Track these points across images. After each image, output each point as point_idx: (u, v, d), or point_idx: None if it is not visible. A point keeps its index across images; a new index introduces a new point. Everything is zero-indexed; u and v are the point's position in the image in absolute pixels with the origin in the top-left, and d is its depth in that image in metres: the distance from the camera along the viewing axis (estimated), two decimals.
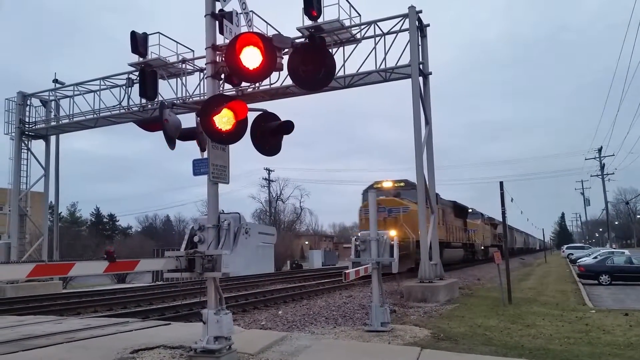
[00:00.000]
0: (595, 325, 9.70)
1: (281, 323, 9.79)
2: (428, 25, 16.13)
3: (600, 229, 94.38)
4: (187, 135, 5.85)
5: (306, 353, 6.21)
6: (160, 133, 5.55)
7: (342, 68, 16.40)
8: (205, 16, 5.73)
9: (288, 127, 5.70)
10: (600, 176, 56.53)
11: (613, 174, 56.84)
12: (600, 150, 56.85)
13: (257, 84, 16.91)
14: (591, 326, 9.55)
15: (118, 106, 20.36)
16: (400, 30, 15.77)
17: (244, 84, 6.21)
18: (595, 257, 25.82)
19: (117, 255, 4.71)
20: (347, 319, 10.34)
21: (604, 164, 56.25)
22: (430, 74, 16.14)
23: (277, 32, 11.37)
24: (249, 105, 5.31)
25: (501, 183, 14.57)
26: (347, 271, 7.82)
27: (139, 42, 16.40)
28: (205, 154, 5.62)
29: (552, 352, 7.13)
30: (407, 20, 15.53)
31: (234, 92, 14.67)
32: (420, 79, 15.61)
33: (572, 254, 46.47)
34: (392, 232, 19.31)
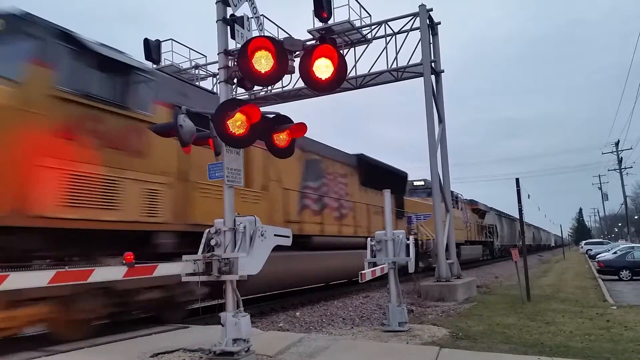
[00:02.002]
0: (616, 321, 9.57)
1: (299, 324, 9.82)
2: (439, 23, 16.07)
3: (620, 224, 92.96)
4: (202, 140, 5.92)
5: (324, 354, 6.23)
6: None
7: (354, 69, 16.40)
8: (216, 22, 5.79)
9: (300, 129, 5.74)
10: (618, 170, 55.73)
11: (631, 167, 56.10)
12: (617, 144, 56.06)
13: (269, 87, 17.17)
14: (612, 322, 9.42)
15: None
16: (411, 29, 15.72)
17: (256, 87, 6.27)
18: (615, 253, 25.45)
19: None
20: (364, 319, 10.34)
21: (621, 157, 55.49)
22: (443, 72, 16.08)
23: (288, 35, 11.42)
24: (262, 109, 5.36)
25: (517, 180, 14.45)
26: (363, 271, 7.82)
27: (152, 50, 16.61)
28: (220, 158, 5.67)
29: (572, 349, 7.05)
30: (418, 19, 15.47)
31: (247, 96, 14.77)
32: (433, 77, 15.57)
33: (591, 250, 45.88)
34: None
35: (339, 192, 15.04)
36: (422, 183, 25.85)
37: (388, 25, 16.15)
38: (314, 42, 5.73)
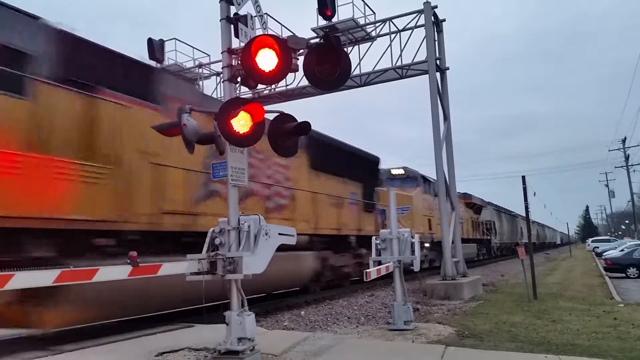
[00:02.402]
0: (624, 319, 9.51)
1: (304, 323, 9.81)
2: (444, 20, 16.02)
3: (627, 221, 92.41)
4: (206, 139, 5.91)
5: (329, 353, 6.21)
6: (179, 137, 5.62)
7: (358, 66, 16.38)
8: (220, 20, 5.78)
9: (305, 128, 5.72)
10: (625, 167, 55.39)
11: (638, 164, 55.67)
12: (624, 140, 55.70)
13: (273, 86, 17.15)
14: (620, 320, 9.36)
15: None
16: (416, 27, 15.68)
17: (260, 86, 6.25)
18: (622, 250, 25.30)
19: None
20: (369, 318, 10.32)
21: (628, 154, 55.11)
22: (448, 69, 16.02)
23: (291, 34, 11.40)
24: (266, 107, 5.34)
25: (523, 177, 14.38)
26: (368, 270, 7.80)
27: (155, 49, 16.58)
28: (224, 157, 5.65)
29: (579, 348, 7.01)
30: (423, 16, 15.43)
31: (251, 95, 14.67)
32: (438, 74, 15.50)
33: (598, 247, 45.66)
34: None
35: (275, 177, 11.39)
36: (402, 172, 22.68)
37: (392, 22, 16.11)
38: (317, 40, 5.71)
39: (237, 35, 5.82)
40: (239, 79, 5.83)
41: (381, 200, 17.29)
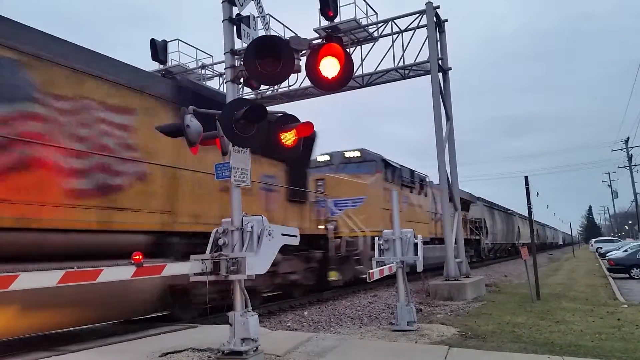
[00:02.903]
0: (627, 320, 9.48)
1: (307, 324, 9.82)
2: (446, 20, 16.01)
3: (630, 222, 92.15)
4: (209, 139, 5.93)
5: (333, 353, 6.22)
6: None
7: (360, 67, 16.39)
8: (222, 21, 5.80)
9: (307, 128, 5.73)
10: (628, 167, 55.21)
11: None
12: (627, 140, 55.52)
13: (275, 87, 17.13)
14: (623, 321, 9.34)
15: None
16: (418, 27, 15.68)
17: (263, 87, 6.26)
18: (626, 251, 25.23)
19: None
20: (372, 318, 10.31)
21: (631, 154, 54.90)
22: (450, 69, 16.01)
23: (294, 34, 11.42)
24: (268, 108, 5.35)
25: (526, 177, 14.34)
26: (371, 270, 7.80)
27: (158, 50, 16.66)
28: (227, 158, 5.67)
29: (583, 348, 6.99)
30: (425, 16, 15.43)
31: (254, 96, 14.64)
32: (440, 75, 15.50)
33: (601, 248, 45.56)
34: None
35: (99, 141, 7.28)
36: (357, 154, 18.44)
37: (394, 23, 16.12)
38: (320, 40, 5.72)
39: (239, 36, 5.84)
40: (241, 80, 5.85)
41: (327, 189, 14.52)
